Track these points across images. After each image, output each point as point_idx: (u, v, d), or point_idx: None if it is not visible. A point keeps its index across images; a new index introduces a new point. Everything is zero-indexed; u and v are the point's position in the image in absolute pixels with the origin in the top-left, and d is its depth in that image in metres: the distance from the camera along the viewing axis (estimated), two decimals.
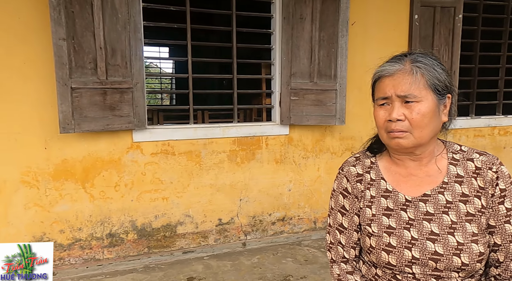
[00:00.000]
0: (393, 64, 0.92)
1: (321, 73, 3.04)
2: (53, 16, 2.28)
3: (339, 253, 1.04)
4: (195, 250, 2.97)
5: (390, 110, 0.90)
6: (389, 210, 0.96)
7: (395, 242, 0.92)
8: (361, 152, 1.11)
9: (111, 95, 2.53)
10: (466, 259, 0.85)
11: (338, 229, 1.05)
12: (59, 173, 2.55)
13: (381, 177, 1.01)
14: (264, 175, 3.15)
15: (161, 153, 2.82)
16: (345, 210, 1.05)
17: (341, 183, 1.07)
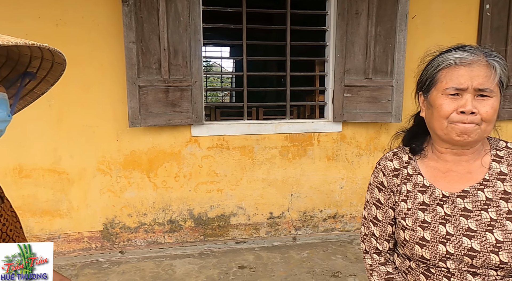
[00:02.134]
0: (467, 54, 0.89)
1: (376, 69, 2.96)
2: (125, 22, 2.55)
3: (372, 244, 1.06)
4: (247, 241, 3.11)
5: (460, 102, 0.88)
6: (425, 204, 0.96)
7: (429, 236, 0.92)
8: (399, 147, 1.11)
9: (172, 93, 2.75)
10: (505, 258, 0.83)
11: (372, 222, 1.07)
12: (128, 163, 2.85)
13: (419, 173, 1.01)
14: (316, 172, 3.17)
15: (217, 147, 2.99)
16: (380, 203, 1.06)
17: (377, 177, 1.09)
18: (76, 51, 2.65)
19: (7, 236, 0.70)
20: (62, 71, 0.75)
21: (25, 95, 0.81)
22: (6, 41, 0.56)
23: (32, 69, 0.75)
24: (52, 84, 0.79)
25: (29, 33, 2.56)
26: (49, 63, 0.73)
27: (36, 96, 0.81)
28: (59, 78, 0.78)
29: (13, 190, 2.66)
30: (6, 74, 0.77)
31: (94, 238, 2.84)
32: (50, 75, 0.77)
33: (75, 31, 2.64)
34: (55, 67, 0.74)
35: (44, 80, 0.78)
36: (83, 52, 2.67)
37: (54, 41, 2.61)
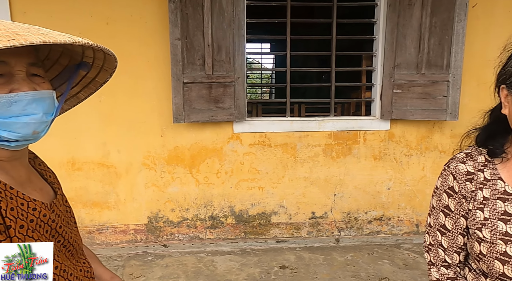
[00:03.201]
0: None
1: (430, 63, 2.76)
2: (171, 19, 2.58)
3: (440, 256, 0.95)
4: (288, 240, 3.04)
5: None
6: (508, 214, 0.84)
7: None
8: (473, 148, 0.98)
9: (215, 89, 2.74)
10: None
11: (439, 230, 0.96)
12: (171, 158, 2.89)
13: (498, 177, 0.89)
14: (361, 171, 3.03)
15: (258, 144, 2.95)
16: (449, 211, 0.95)
17: (446, 181, 0.97)
18: (124, 48, 2.72)
19: (56, 233, 0.68)
20: (115, 61, 0.73)
21: (88, 84, 0.80)
22: (48, 39, 0.54)
23: (87, 60, 0.74)
24: (111, 73, 0.77)
25: (82, 31, 2.66)
26: (102, 53, 0.71)
27: (99, 84, 0.79)
28: (115, 68, 0.76)
29: (67, 182, 2.79)
30: (66, 63, 0.76)
31: (139, 231, 2.92)
32: (107, 64, 0.75)
33: (124, 29, 2.71)
34: (109, 58, 0.72)
35: (102, 70, 0.77)
36: (131, 49, 2.74)
37: (105, 39, 2.70)
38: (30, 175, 0.72)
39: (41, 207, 0.67)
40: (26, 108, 0.60)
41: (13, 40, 0.52)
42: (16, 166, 0.68)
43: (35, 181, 0.73)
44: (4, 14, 2.54)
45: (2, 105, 0.58)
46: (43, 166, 0.81)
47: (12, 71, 0.61)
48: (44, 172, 0.79)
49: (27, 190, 0.68)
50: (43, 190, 0.73)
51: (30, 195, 0.67)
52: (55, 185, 0.78)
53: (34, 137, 0.64)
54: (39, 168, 0.79)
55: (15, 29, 0.56)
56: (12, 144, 0.62)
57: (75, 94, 0.81)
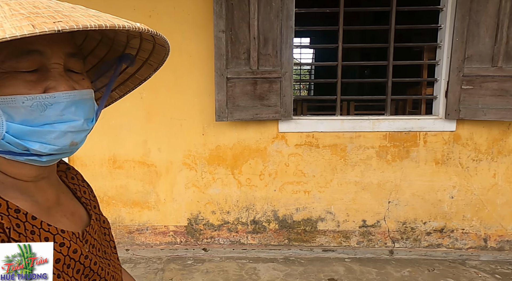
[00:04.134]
0: None
1: (509, 55, 2.39)
2: (215, 10, 2.42)
3: None
4: (336, 249, 2.80)
5: None
6: None
7: None
8: None
9: (260, 85, 2.55)
10: None
11: None
12: (213, 158, 2.75)
13: None
14: (420, 177, 2.71)
15: (305, 144, 2.73)
16: None
17: None
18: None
19: (90, 271, 0.52)
20: (166, 55, 0.56)
21: (126, 81, 0.64)
22: (104, 22, 0.40)
23: (130, 51, 0.57)
24: (156, 69, 0.60)
25: None
26: (150, 44, 0.55)
27: (138, 82, 0.63)
28: (163, 63, 0.59)
29: (108, 180, 2.74)
30: (103, 54, 0.60)
31: (179, 233, 2.82)
32: (152, 58, 0.59)
33: (167, 22, 2.59)
34: (157, 50, 0.55)
35: (146, 64, 0.60)
36: (173, 43, 2.58)
37: None
38: (59, 196, 0.56)
39: (71, 239, 0.51)
40: (64, 112, 0.46)
41: (59, 22, 0.37)
42: (43, 187, 0.52)
43: (65, 204, 0.57)
44: None
45: (35, 109, 0.44)
46: (76, 180, 0.65)
47: (47, 64, 0.46)
48: (78, 187, 0.64)
49: (55, 217, 0.52)
50: (75, 215, 0.57)
51: (58, 223, 0.51)
52: (89, 206, 0.62)
53: (71, 149, 0.49)
54: (72, 183, 0.64)
55: (58, 8, 0.40)
56: (43, 158, 0.47)
57: None
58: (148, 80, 0.65)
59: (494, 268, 2.55)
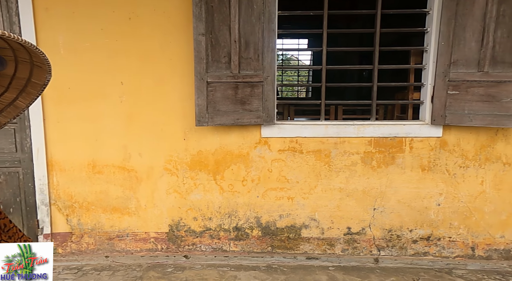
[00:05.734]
0: None
1: (495, 59, 2.33)
2: (195, 12, 2.37)
3: None
4: (320, 257, 2.74)
5: None
6: None
7: None
8: None
9: (242, 89, 2.50)
10: None
11: None
12: (194, 163, 2.69)
13: None
14: (406, 184, 2.65)
15: (289, 150, 2.67)
16: None
17: None
18: (147, 45, 2.56)
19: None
20: (42, 56, 0.50)
21: (25, 88, 0.58)
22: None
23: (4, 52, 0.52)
24: (49, 71, 0.55)
25: (104, 28, 2.53)
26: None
27: (40, 87, 0.58)
28: (46, 64, 0.53)
29: (87, 185, 2.69)
30: None
31: (160, 240, 2.76)
32: (36, 59, 0.53)
33: (147, 25, 2.55)
34: (33, 51, 0.50)
35: (35, 66, 0.54)
36: (154, 46, 2.57)
37: (127, 35, 2.55)
38: None
39: None
40: None
41: None
42: None
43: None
44: (27, 10, 2.46)
45: None
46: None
47: None
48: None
49: None
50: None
51: None
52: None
53: None
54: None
55: None
56: None
57: (12, 101, 0.59)
58: (128, 82, 0.58)
59: (481, 278, 2.49)
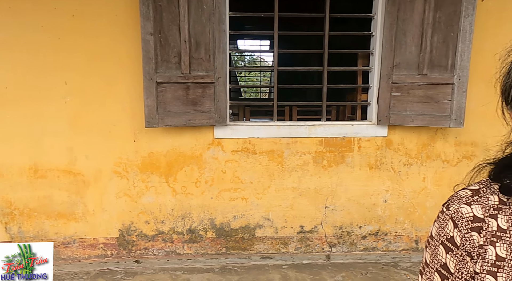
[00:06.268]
0: None
1: (433, 63, 2.47)
2: (142, 11, 2.31)
3: None
4: (274, 256, 2.77)
5: None
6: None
7: None
8: (482, 183, 0.71)
9: (193, 90, 2.47)
10: None
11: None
12: (145, 165, 2.63)
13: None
14: (355, 182, 2.75)
15: (242, 151, 2.68)
16: (447, 272, 0.67)
17: (444, 229, 0.69)
18: (93, 43, 2.46)
19: None
20: None
21: None
22: None
23: None
24: None
25: (45, 25, 2.40)
26: None
27: None
28: None
29: (29, 191, 2.54)
30: None
31: (109, 245, 2.66)
32: None
33: (93, 22, 2.45)
34: None
35: None
36: (100, 45, 2.48)
37: (71, 33, 2.44)
38: None
39: None
40: None
41: None
42: None
43: None
44: None
45: None
46: None
47: None
48: None
49: None
50: None
51: None
52: None
53: None
54: None
55: None
56: None
57: None
58: (73, 83, 0.55)
59: None
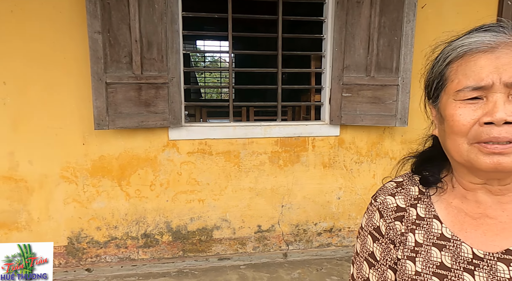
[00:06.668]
0: (488, 34, 0.58)
1: (380, 65, 2.61)
2: (88, 9, 2.22)
3: None
4: (232, 257, 2.77)
5: (485, 107, 0.57)
6: (445, 268, 0.62)
7: None
8: (406, 175, 0.77)
9: (146, 91, 2.41)
10: None
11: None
12: (96, 169, 2.52)
13: (434, 215, 0.67)
14: (310, 180, 2.83)
15: (198, 152, 2.65)
16: (374, 260, 0.72)
17: (372, 219, 0.74)
18: (35, 41, 2.32)
19: None
20: None
21: None
22: None
23: None
24: None
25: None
26: None
27: None
28: None
29: None
30: None
31: (57, 254, 2.52)
32: None
33: (34, 19, 2.31)
34: None
35: None
36: (44, 43, 2.34)
37: (10, 30, 2.28)
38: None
39: None
40: None
41: None
42: None
43: None
44: None
45: None
46: None
47: None
48: None
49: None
50: None
51: None
52: None
53: None
54: None
55: None
56: None
57: None
58: (14, 83, 0.49)
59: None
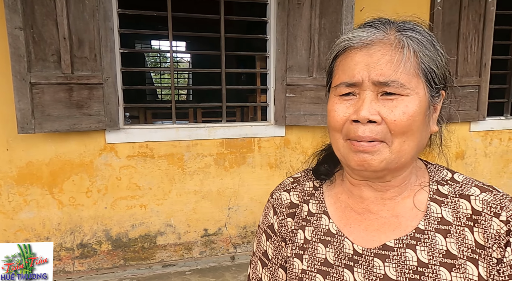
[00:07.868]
0: (369, 30, 0.57)
1: (321, 66, 2.64)
2: (7, 2, 2.04)
3: None
4: (177, 263, 2.68)
5: (356, 105, 0.55)
6: (328, 265, 0.61)
7: None
8: (305, 171, 0.75)
9: (78, 92, 2.27)
10: None
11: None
12: (23, 177, 2.33)
13: (324, 211, 0.65)
14: (257, 181, 2.80)
15: (139, 156, 2.54)
16: (266, 259, 0.70)
17: (267, 217, 0.72)
18: None
19: None
20: None
21: None
22: None
23: None
24: None
25: None
26: None
27: None
28: None
29: None
30: None
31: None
32: None
33: None
34: None
35: None
36: None
37: None
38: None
39: None
40: None
41: None
42: None
43: None
44: None
45: None
46: None
47: None
48: None
49: None
50: None
51: None
52: None
53: None
54: None
55: None
56: None
57: None
58: None
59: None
